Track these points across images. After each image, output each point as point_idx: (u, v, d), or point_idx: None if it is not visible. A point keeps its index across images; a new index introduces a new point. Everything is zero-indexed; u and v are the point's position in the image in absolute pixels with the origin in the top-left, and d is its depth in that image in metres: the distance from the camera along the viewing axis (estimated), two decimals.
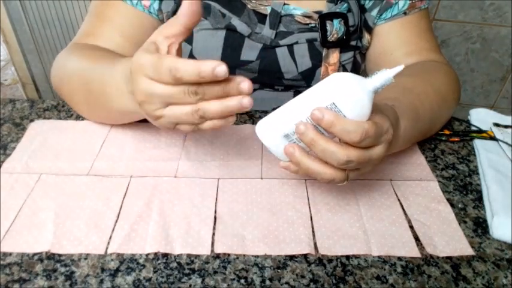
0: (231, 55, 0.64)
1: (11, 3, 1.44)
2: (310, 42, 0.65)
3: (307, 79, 0.67)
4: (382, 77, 0.38)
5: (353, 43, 0.67)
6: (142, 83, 0.38)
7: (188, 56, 0.66)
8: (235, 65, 0.65)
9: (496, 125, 0.63)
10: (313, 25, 0.64)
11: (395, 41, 0.67)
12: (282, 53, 0.65)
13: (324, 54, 0.65)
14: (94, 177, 0.51)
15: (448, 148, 0.60)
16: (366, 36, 0.68)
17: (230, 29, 0.63)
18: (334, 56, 0.65)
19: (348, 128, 0.38)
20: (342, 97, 0.38)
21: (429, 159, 0.57)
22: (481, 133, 0.61)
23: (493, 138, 0.60)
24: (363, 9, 0.66)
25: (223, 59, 0.64)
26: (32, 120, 0.60)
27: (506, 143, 0.59)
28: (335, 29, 0.64)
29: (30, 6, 1.45)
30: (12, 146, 0.56)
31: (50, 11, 1.46)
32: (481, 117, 0.66)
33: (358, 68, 0.72)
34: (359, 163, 0.40)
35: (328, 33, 0.64)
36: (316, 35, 0.64)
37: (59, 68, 0.60)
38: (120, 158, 0.54)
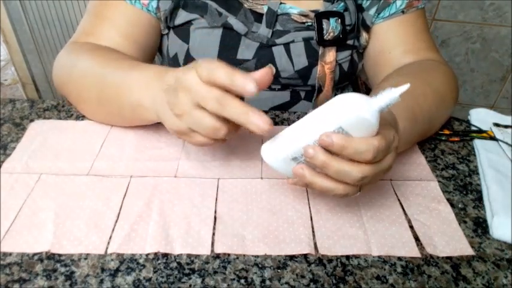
0: (227, 54, 0.64)
1: (11, 3, 1.44)
2: (307, 41, 0.65)
3: (303, 78, 0.67)
4: (387, 96, 0.37)
5: (350, 42, 0.67)
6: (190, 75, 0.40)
7: (185, 55, 0.67)
8: (232, 64, 0.65)
9: (496, 125, 0.63)
10: (309, 24, 0.64)
11: (393, 40, 0.67)
12: (278, 51, 0.65)
13: (320, 53, 0.65)
14: (94, 177, 0.51)
15: (448, 148, 0.60)
16: (364, 35, 0.68)
17: (227, 28, 0.63)
18: (330, 55, 0.65)
19: (360, 149, 0.37)
20: (349, 120, 0.37)
21: (429, 159, 0.57)
22: (481, 133, 0.61)
23: (493, 138, 0.60)
24: (360, 9, 0.66)
25: (220, 57, 0.64)
26: (32, 120, 0.60)
27: (506, 143, 0.59)
28: (331, 27, 0.64)
29: (30, 6, 1.45)
30: (12, 146, 0.56)
31: (50, 11, 1.46)
32: (481, 117, 0.66)
33: (356, 67, 0.72)
34: (374, 177, 0.40)
35: (325, 31, 0.64)
36: (312, 33, 0.64)
37: (64, 68, 0.60)
38: (120, 158, 0.54)
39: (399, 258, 0.44)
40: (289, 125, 0.62)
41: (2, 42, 1.52)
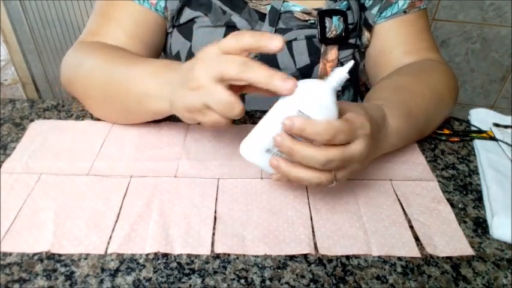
0: None
1: (11, 3, 1.44)
2: (309, 39, 0.65)
3: (304, 76, 0.67)
4: (337, 76, 0.40)
5: (352, 41, 0.67)
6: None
7: (187, 53, 0.67)
8: None
9: (496, 125, 0.63)
10: (312, 22, 0.64)
11: (395, 40, 0.67)
12: None
13: (322, 51, 0.65)
14: (94, 177, 0.51)
15: (448, 148, 0.60)
16: (366, 34, 0.68)
17: (230, 26, 0.63)
18: (332, 53, 0.65)
19: (318, 129, 0.38)
20: (306, 102, 0.39)
21: (429, 159, 0.57)
22: (481, 133, 0.61)
23: (493, 138, 0.60)
24: (363, 8, 0.66)
25: None
26: (32, 120, 0.60)
27: (506, 143, 0.59)
28: (334, 25, 0.64)
29: (30, 6, 1.45)
30: (12, 146, 0.56)
31: (50, 11, 1.46)
32: (481, 117, 0.66)
33: (357, 66, 0.72)
34: (341, 161, 0.41)
35: (327, 29, 0.64)
36: (315, 31, 0.64)
37: (71, 66, 0.60)
38: (120, 158, 0.54)
39: (399, 258, 0.44)
40: None
41: (2, 42, 1.52)
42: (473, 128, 0.64)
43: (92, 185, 0.50)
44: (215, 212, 0.48)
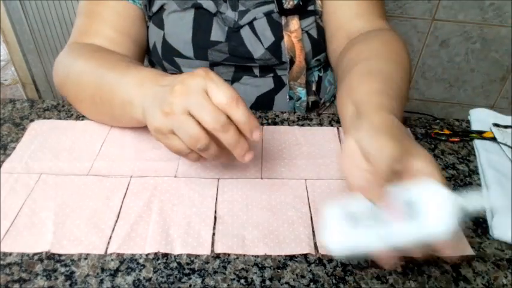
0: (201, 36, 0.65)
1: (11, 3, 1.44)
2: (268, 15, 0.65)
3: (275, 54, 0.67)
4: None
5: (311, 8, 0.67)
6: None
7: (162, 42, 0.67)
8: (206, 46, 0.66)
9: (496, 125, 0.63)
10: None
11: (345, 2, 0.65)
12: (246, 33, 0.65)
13: (283, 23, 0.65)
14: (94, 177, 0.51)
15: (448, 148, 0.60)
16: (318, 1, 0.67)
17: (198, 8, 0.64)
18: (294, 23, 0.65)
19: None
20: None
21: None
22: (481, 133, 0.61)
23: (493, 138, 0.60)
24: None
25: (194, 39, 0.65)
26: (32, 120, 0.60)
27: (506, 144, 0.59)
28: None
29: (30, 6, 1.45)
30: (12, 146, 0.56)
31: (50, 11, 1.46)
32: (481, 117, 0.65)
33: (322, 32, 0.70)
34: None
35: (284, 1, 0.64)
36: (272, 6, 0.65)
37: (63, 68, 0.61)
38: (120, 158, 0.54)
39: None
40: (289, 125, 0.62)
41: (2, 42, 1.52)
42: (473, 128, 0.64)
43: (92, 185, 0.50)
44: (215, 212, 0.48)
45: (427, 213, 0.35)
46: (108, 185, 0.50)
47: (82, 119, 0.61)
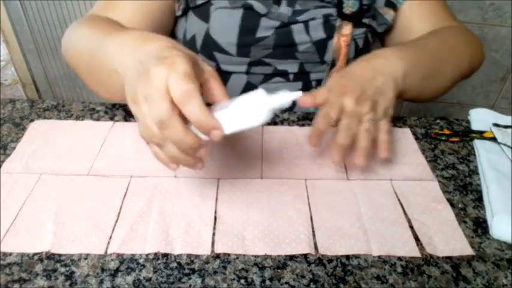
0: (246, 35, 0.65)
1: (11, 3, 1.44)
2: (326, 17, 0.66)
3: (319, 51, 0.68)
4: (280, 99, 0.42)
5: (366, 21, 0.69)
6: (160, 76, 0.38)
7: (204, 35, 0.66)
8: (250, 43, 0.66)
9: (496, 125, 0.63)
10: (328, 0, 0.66)
11: (420, 18, 0.70)
12: (297, 28, 0.66)
13: (337, 25, 0.67)
14: (94, 177, 0.51)
15: (448, 148, 0.60)
16: (391, 13, 0.70)
17: (247, 8, 0.64)
18: (347, 28, 0.67)
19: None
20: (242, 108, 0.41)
21: (429, 159, 0.57)
22: (481, 133, 0.61)
23: (493, 138, 0.60)
24: None
25: (240, 39, 0.65)
26: (32, 120, 0.60)
27: (506, 144, 0.59)
28: (350, 3, 0.66)
29: (30, 6, 1.45)
30: (12, 146, 0.56)
31: (50, 11, 1.46)
32: (481, 117, 0.65)
33: (369, 46, 0.73)
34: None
35: (344, 5, 0.66)
36: (331, 10, 0.66)
37: (67, 36, 0.61)
38: (120, 158, 0.54)
39: (399, 258, 0.44)
40: (289, 125, 0.62)
41: (2, 42, 1.52)
42: (473, 128, 0.64)
43: (92, 185, 0.50)
44: (215, 212, 0.48)
45: (235, 107, 0.41)
46: (108, 185, 0.50)
47: (82, 119, 0.61)
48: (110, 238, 0.44)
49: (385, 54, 0.56)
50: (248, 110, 0.41)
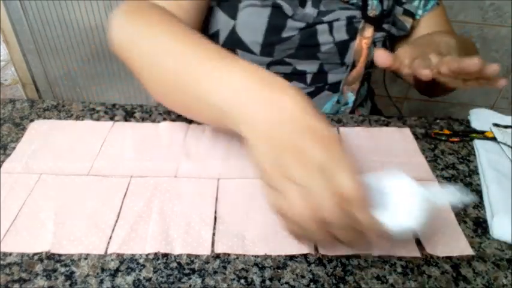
0: (272, 35, 0.65)
1: (11, 3, 1.44)
2: (350, 19, 0.67)
3: (341, 52, 0.69)
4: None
5: (385, 26, 0.70)
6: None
7: (229, 32, 0.66)
8: (275, 43, 0.66)
9: (496, 125, 0.63)
10: (353, 1, 0.66)
11: (432, 29, 0.74)
12: (321, 28, 0.66)
13: (360, 27, 0.67)
14: (94, 177, 0.51)
15: (448, 148, 0.60)
16: (408, 19, 0.72)
17: (275, 7, 0.63)
18: (369, 31, 0.68)
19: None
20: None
21: (429, 159, 0.57)
22: (481, 133, 0.61)
23: (493, 138, 0.60)
24: (397, 1, 0.71)
25: (265, 39, 0.65)
26: (32, 120, 0.60)
27: (506, 144, 0.59)
28: (374, 6, 0.67)
29: (30, 6, 1.44)
30: (12, 146, 0.56)
31: (50, 11, 1.46)
32: (481, 117, 0.66)
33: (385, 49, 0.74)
34: None
35: (369, 7, 0.67)
36: (355, 13, 0.67)
37: (127, 34, 0.53)
38: (120, 158, 0.54)
39: (399, 258, 0.44)
40: None
41: (2, 42, 1.52)
42: (473, 128, 0.64)
43: (92, 185, 0.50)
44: (215, 212, 0.48)
45: (397, 205, 0.37)
46: (108, 185, 0.50)
47: (82, 119, 0.61)
48: (110, 238, 0.44)
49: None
50: (407, 208, 0.37)
